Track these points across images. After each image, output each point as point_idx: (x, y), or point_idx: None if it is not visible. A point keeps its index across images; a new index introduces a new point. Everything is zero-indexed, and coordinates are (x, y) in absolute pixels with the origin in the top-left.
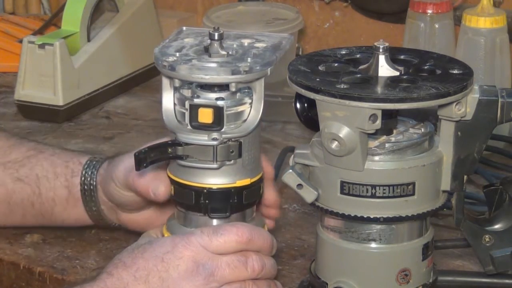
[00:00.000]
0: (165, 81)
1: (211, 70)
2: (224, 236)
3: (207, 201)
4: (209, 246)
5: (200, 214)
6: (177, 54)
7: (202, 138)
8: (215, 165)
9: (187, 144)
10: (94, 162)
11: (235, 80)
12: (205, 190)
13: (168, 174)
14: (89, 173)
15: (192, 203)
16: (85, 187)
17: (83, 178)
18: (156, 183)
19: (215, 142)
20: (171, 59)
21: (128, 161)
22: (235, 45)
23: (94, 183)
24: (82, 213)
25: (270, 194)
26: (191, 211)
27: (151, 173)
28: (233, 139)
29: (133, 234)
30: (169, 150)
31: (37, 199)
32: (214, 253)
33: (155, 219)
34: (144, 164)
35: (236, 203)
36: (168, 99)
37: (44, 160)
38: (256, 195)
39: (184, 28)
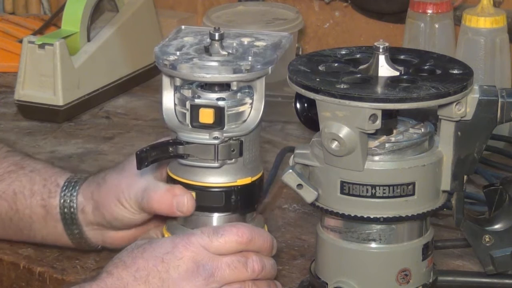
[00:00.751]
0: (166, 80)
1: (212, 69)
2: (224, 236)
3: (209, 200)
4: (209, 246)
5: (201, 214)
6: (178, 53)
7: (203, 137)
8: (216, 164)
9: (188, 143)
10: (72, 183)
11: (237, 79)
12: (207, 189)
13: (168, 173)
14: (68, 195)
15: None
16: (65, 210)
17: (62, 201)
18: (179, 200)
19: (216, 141)
20: (172, 58)
21: (135, 184)
22: (235, 44)
23: (75, 205)
24: (63, 235)
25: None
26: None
27: (166, 191)
28: (234, 138)
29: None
30: (170, 149)
31: (15, 215)
32: (214, 253)
33: (143, 231)
34: (146, 163)
35: (237, 202)
36: (168, 98)
37: (24, 176)
38: (257, 194)
39: (183, 27)
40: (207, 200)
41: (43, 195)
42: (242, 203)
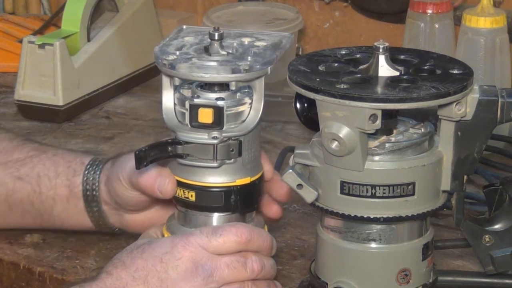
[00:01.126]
0: (165, 80)
1: (211, 69)
2: (223, 236)
3: (208, 200)
4: (208, 246)
5: (200, 214)
6: (177, 52)
7: (202, 137)
8: (215, 164)
9: (187, 142)
10: (97, 162)
11: (235, 78)
12: (206, 189)
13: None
14: (92, 172)
15: (192, 202)
16: (87, 186)
17: (85, 178)
18: (161, 180)
19: (215, 141)
20: (171, 57)
21: (131, 160)
22: (235, 44)
23: (97, 183)
24: (83, 214)
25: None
26: (191, 211)
27: (154, 171)
28: (233, 138)
29: (133, 234)
30: (169, 148)
31: (37, 198)
32: (213, 253)
33: (159, 218)
34: (144, 163)
35: (236, 202)
36: (168, 98)
37: (46, 159)
38: (256, 194)
39: (185, 26)
40: (206, 200)
41: (68, 175)
42: (241, 203)
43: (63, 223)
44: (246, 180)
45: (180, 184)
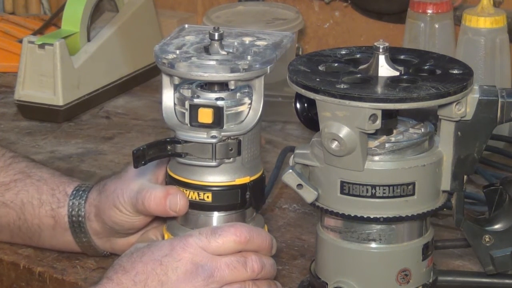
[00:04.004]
0: (165, 79)
1: (210, 68)
2: (223, 237)
3: (207, 199)
4: (207, 247)
5: (199, 213)
6: (177, 51)
7: (201, 136)
8: (214, 163)
9: (186, 141)
10: (80, 192)
11: (234, 78)
12: (206, 188)
13: (168, 171)
14: (76, 204)
15: (192, 201)
16: (73, 218)
17: (70, 210)
18: (172, 199)
19: (214, 140)
20: (170, 56)
21: (129, 187)
22: (236, 43)
23: (83, 214)
24: (71, 242)
25: None
26: (191, 210)
27: (161, 191)
28: (232, 137)
29: None
30: (168, 147)
31: (23, 224)
32: (213, 254)
33: (155, 233)
34: (143, 162)
35: (235, 202)
36: (168, 97)
37: (31, 185)
38: (256, 194)
39: (186, 25)
40: (206, 199)
41: (52, 205)
42: (241, 202)
43: (53, 246)
44: (246, 180)
45: (179, 184)
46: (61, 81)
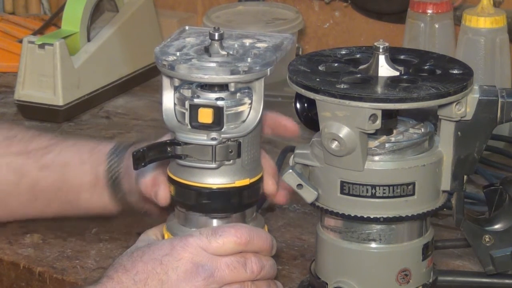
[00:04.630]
0: (165, 81)
1: (210, 70)
2: (223, 237)
3: (207, 201)
4: (207, 247)
5: (199, 214)
6: (178, 53)
7: (201, 138)
8: (213, 165)
9: (186, 143)
10: (118, 150)
11: (234, 80)
12: (205, 190)
13: (168, 173)
14: (116, 159)
15: (191, 203)
16: (111, 174)
17: (108, 166)
18: (156, 189)
19: (214, 142)
20: (171, 58)
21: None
22: (236, 45)
23: (120, 169)
24: (108, 202)
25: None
26: (191, 211)
27: (151, 177)
28: (232, 139)
29: (133, 234)
30: (168, 149)
31: (63, 186)
32: (213, 254)
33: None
34: (142, 164)
35: (235, 203)
36: (168, 99)
37: (69, 147)
38: (255, 195)
39: (187, 27)
40: (205, 201)
41: (92, 163)
42: (240, 204)
43: (88, 210)
44: (245, 182)
45: (179, 185)
46: (61, 81)
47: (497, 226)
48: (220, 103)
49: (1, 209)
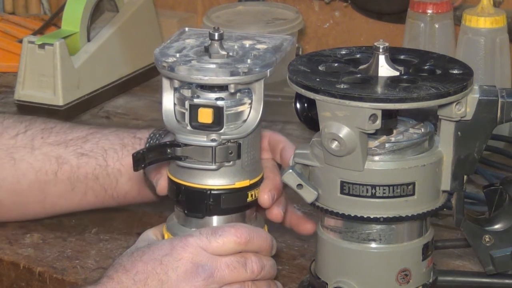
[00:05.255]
0: (165, 82)
1: (210, 71)
2: (223, 237)
3: (206, 202)
4: (207, 247)
5: (199, 215)
6: (177, 55)
7: (201, 139)
8: (213, 166)
9: (186, 145)
10: (157, 135)
11: (234, 81)
12: (205, 191)
13: (168, 174)
14: (155, 140)
15: (191, 204)
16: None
17: (147, 145)
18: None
19: (214, 143)
20: (170, 60)
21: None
22: (236, 46)
23: None
24: (145, 188)
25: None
26: (190, 212)
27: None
28: (232, 140)
29: (133, 234)
30: (168, 150)
31: (103, 172)
32: (213, 254)
33: None
34: (142, 165)
35: (235, 205)
36: (168, 100)
37: (110, 134)
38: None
39: (187, 29)
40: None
41: (134, 145)
42: (240, 205)
43: (126, 196)
44: (245, 183)
45: (179, 187)
46: (61, 81)
47: (497, 226)
48: (220, 103)
49: (37, 203)
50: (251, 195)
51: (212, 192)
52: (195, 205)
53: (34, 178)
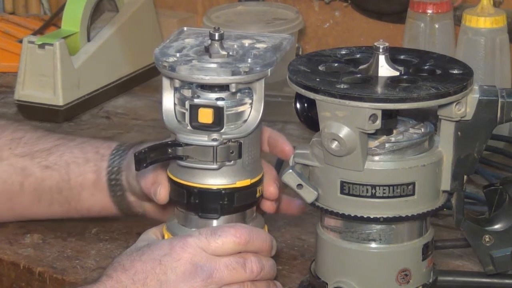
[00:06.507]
0: (166, 82)
1: (211, 71)
2: (222, 237)
3: (221, 202)
4: (207, 247)
5: (215, 216)
6: (178, 54)
7: (202, 139)
8: (215, 166)
9: (187, 144)
10: (121, 150)
11: (235, 80)
12: (219, 191)
13: (168, 174)
14: (117, 157)
15: (191, 204)
16: (112, 170)
17: (110, 162)
18: (155, 186)
19: (215, 143)
20: (171, 59)
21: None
22: (235, 46)
23: (120, 166)
24: (108, 199)
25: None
26: (191, 212)
27: (151, 176)
28: (233, 140)
29: (133, 234)
30: (169, 150)
31: (66, 185)
32: (212, 254)
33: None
34: (144, 165)
35: (235, 204)
36: (168, 100)
37: (74, 147)
38: (255, 196)
39: (185, 28)
40: (206, 202)
41: (96, 161)
42: (241, 204)
43: (90, 210)
44: (246, 182)
45: (180, 186)
46: (61, 81)
47: (497, 226)
48: (220, 103)
49: (6, 210)
50: (259, 191)
51: (225, 191)
52: (210, 206)
53: (1, 188)
